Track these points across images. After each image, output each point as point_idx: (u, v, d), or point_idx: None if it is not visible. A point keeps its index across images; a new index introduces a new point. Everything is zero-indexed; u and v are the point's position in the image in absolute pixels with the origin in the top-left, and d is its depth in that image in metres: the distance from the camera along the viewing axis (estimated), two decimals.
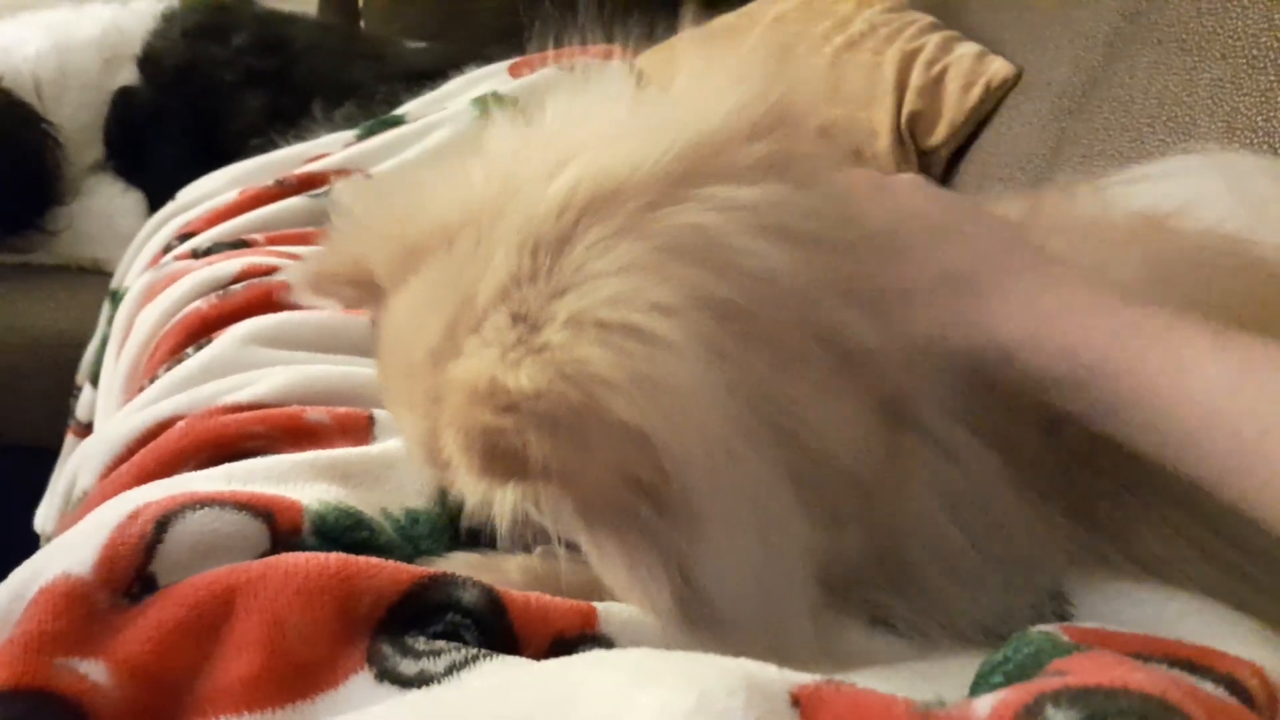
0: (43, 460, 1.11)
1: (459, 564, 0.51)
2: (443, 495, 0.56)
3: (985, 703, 0.36)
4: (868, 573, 0.51)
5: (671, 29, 0.67)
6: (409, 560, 0.51)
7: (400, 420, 0.54)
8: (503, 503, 0.44)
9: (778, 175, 0.47)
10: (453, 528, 0.55)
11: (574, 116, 0.54)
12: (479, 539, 0.52)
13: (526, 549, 0.52)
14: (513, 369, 0.43)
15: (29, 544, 0.93)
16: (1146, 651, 0.41)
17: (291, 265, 0.56)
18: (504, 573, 0.51)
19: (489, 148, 0.54)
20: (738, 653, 0.40)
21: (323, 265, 0.55)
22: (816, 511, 0.46)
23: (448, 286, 0.47)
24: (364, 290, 0.53)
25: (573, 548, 0.47)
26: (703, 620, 0.45)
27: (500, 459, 0.42)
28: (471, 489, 0.44)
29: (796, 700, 0.37)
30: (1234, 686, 0.39)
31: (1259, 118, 0.88)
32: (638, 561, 0.44)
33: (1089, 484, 0.52)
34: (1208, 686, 0.39)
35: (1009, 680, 0.41)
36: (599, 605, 0.47)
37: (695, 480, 0.43)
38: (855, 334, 0.46)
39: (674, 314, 0.43)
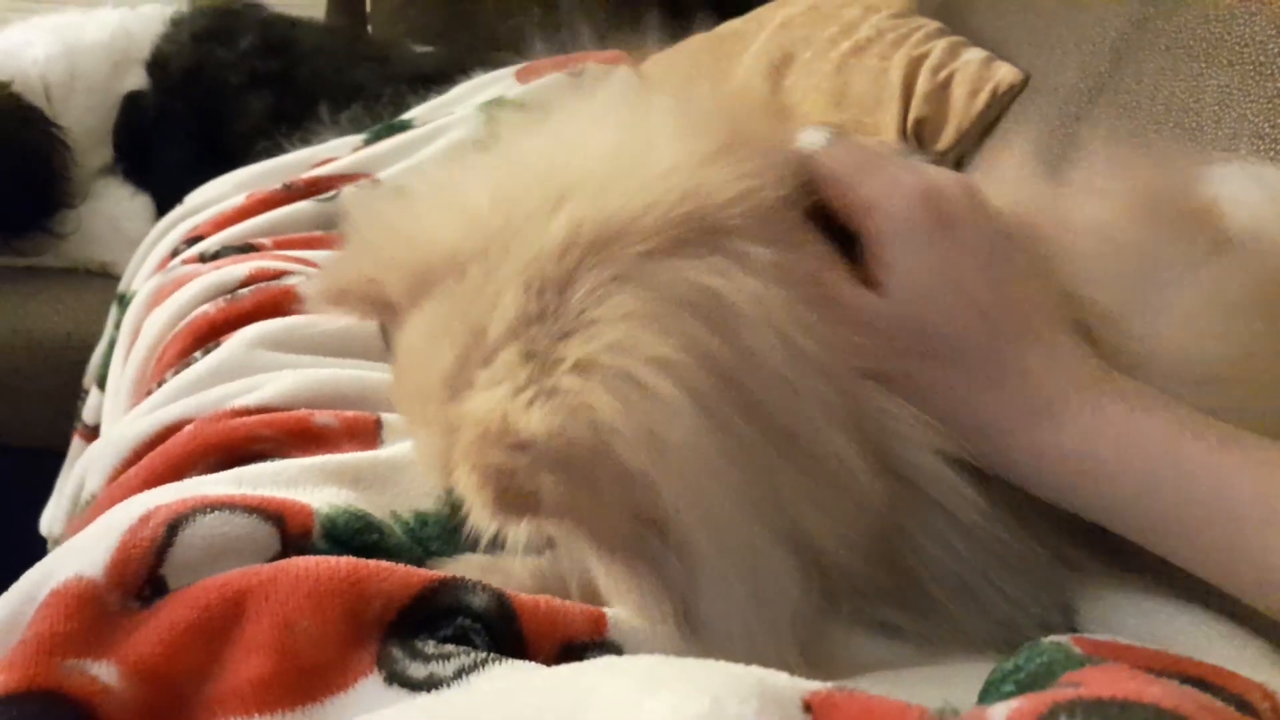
0: (46, 463, 1.11)
1: (469, 565, 0.52)
2: (454, 499, 0.56)
3: (999, 711, 0.36)
4: (872, 591, 0.51)
5: (678, 33, 0.67)
6: (419, 562, 0.51)
7: (415, 437, 0.54)
8: (516, 535, 0.45)
9: (782, 281, 0.47)
10: (462, 530, 0.55)
11: (573, 137, 0.54)
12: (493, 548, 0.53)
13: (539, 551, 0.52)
14: (525, 409, 0.43)
15: (31, 546, 0.93)
16: (1158, 667, 0.41)
17: (306, 279, 0.56)
18: (514, 575, 0.51)
19: (494, 164, 0.54)
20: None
21: (336, 281, 0.55)
22: (810, 570, 0.47)
23: (460, 316, 0.48)
24: (378, 307, 0.54)
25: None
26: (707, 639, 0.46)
27: (514, 499, 0.43)
28: (485, 524, 0.44)
29: (809, 707, 0.37)
30: (1244, 708, 0.39)
31: (1266, 124, 0.88)
32: (646, 588, 0.45)
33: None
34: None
35: (1021, 689, 0.40)
36: (609, 611, 0.47)
37: (689, 530, 0.44)
38: (840, 451, 0.46)
39: (673, 370, 0.43)
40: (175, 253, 1.06)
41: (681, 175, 0.48)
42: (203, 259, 0.99)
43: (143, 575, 0.44)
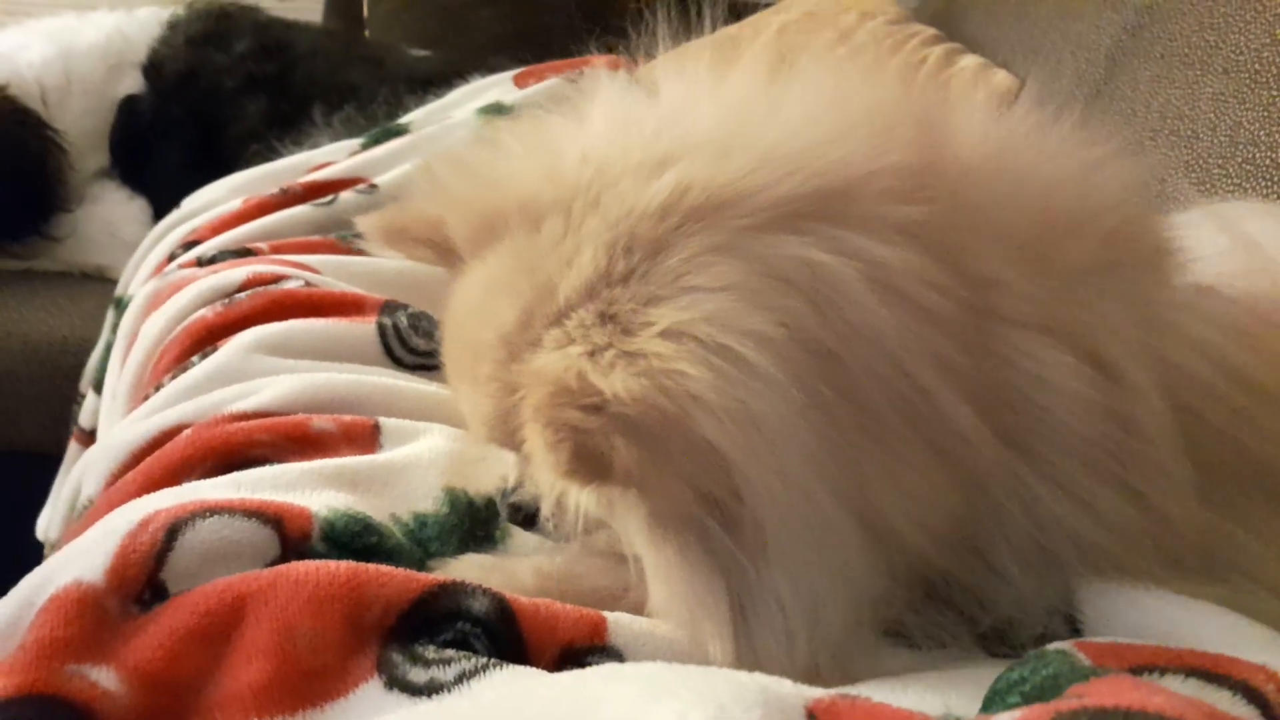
0: (43, 466, 1.11)
1: (470, 565, 0.51)
2: (452, 499, 0.56)
3: None
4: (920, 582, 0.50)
5: (675, 39, 0.67)
6: (419, 563, 0.51)
7: (459, 394, 0.53)
8: (577, 500, 0.44)
9: (916, 242, 0.46)
10: (462, 530, 0.55)
11: (684, 114, 0.52)
12: (519, 517, 0.53)
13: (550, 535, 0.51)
14: (606, 371, 0.42)
15: (28, 550, 0.93)
16: (1161, 662, 0.41)
17: (367, 216, 0.55)
18: (516, 575, 0.51)
19: (587, 125, 0.52)
20: (752, 668, 0.40)
21: (398, 218, 0.54)
22: (883, 558, 0.46)
23: (527, 271, 0.46)
24: (438, 251, 0.52)
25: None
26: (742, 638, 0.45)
27: (586, 461, 0.41)
28: (549, 483, 0.43)
29: (812, 714, 0.37)
30: (1250, 694, 0.39)
31: (1261, 132, 0.89)
32: (698, 574, 0.44)
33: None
34: (1224, 695, 0.39)
35: (1026, 701, 0.40)
36: (609, 615, 0.47)
37: (767, 511, 0.43)
38: (947, 410, 0.45)
39: (772, 346, 0.42)
40: (172, 257, 1.06)
41: (814, 154, 0.47)
42: (200, 263, 0.98)
43: (142, 580, 0.44)
